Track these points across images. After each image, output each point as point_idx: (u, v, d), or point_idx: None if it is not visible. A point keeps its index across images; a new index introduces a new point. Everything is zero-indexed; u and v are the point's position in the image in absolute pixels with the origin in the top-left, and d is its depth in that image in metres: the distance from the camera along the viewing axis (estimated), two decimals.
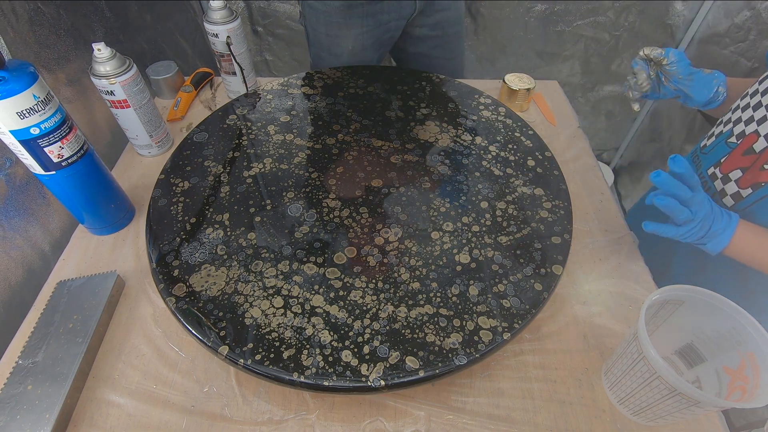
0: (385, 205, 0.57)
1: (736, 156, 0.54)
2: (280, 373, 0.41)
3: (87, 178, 0.55)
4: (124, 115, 0.67)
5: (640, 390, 0.42)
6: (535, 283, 0.49)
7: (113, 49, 0.61)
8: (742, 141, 0.54)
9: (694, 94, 0.61)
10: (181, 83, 0.87)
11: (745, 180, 0.53)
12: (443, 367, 0.42)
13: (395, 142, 0.66)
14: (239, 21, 0.76)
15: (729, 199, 0.55)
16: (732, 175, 0.55)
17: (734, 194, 0.54)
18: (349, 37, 0.89)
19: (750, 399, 0.38)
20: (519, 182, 0.60)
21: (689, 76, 0.60)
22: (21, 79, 0.44)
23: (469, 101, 0.74)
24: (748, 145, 0.53)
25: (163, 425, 0.44)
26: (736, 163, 0.54)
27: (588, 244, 0.62)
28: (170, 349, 0.50)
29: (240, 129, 0.67)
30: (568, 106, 0.88)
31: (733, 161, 0.55)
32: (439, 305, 0.47)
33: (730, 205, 0.55)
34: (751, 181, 0.52)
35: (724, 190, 0.56)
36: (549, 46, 1.37)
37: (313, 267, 0.50)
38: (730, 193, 0.55)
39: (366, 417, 0.45)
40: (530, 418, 0.46)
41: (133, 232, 0.63)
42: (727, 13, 1.17)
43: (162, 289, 0.47)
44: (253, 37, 1.32)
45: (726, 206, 0.55)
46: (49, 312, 0.50)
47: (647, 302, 0.41)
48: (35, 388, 0.44)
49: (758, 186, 0.51)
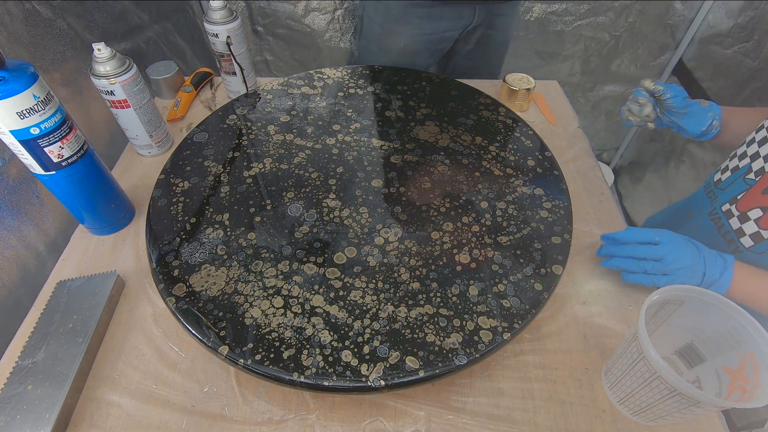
0: (385, 205, 0.57)
1: (755, 194, 0.52)
2: (280, 373, 0.41)
3: (87, 178, 0.55)
4: (124, 115, 0.67)
5: (640, 390, 0.42)
6: (535, 283, 0.49)
7: (113, 49, 0.61)
8: (761, 178, 0.52)
9: (688, 126, 0.61)
10: (181, 83, 0.87)
11: (766, 220, 0.50)
12: (443, 367, 0.42)
13: (395, 142, 0.66)
14: (239, 21, 0.76)
15: (747, 240, 0.53)
16: (751, 214, 0.52)
17: (754, 234, 0.52)
18: (403, 35, 0.89)
19: (750, 399, 0.38)
20: (519, 182, 0.60)
21: (684, 109, 0.61)
22: (21, 79, 0.44)
23: (469, 101, 0.74)
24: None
25: (163, 425, 0.45)
26: (756, 201, 0.52)
27: (588, 244, 0.62)
28: (170, 349, 0.50)
29: (240, 129, 0.67)
30: (568, 106, 0.88)
31: (751, 199, 0.52)
32: (439, 305, 0.47)
33: (748, 246, 0.53)
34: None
35: (742, 230, 0.53)
36: (549, 46, 1.37)
37: (313, 267, 0.50)
38: (749, 233, 0.52)
39: (366, 417, 0.45)
40: (530, 418, 0.46)
41: (133, 232, 0.63)
42: (728, 12, 1.17)
43: (162, 289, 0.47)
44: (253, 37, 1.32)
45: (744, 246, 0.53)
46: (49, 312, 0.50)
47: (647, 302, 0.41)
48: (35, 388, 0.44)
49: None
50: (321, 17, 1.24)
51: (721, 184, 0.58)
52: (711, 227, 0.59)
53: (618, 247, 0.54)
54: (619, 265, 0.53)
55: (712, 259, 0.49)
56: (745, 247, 0.53)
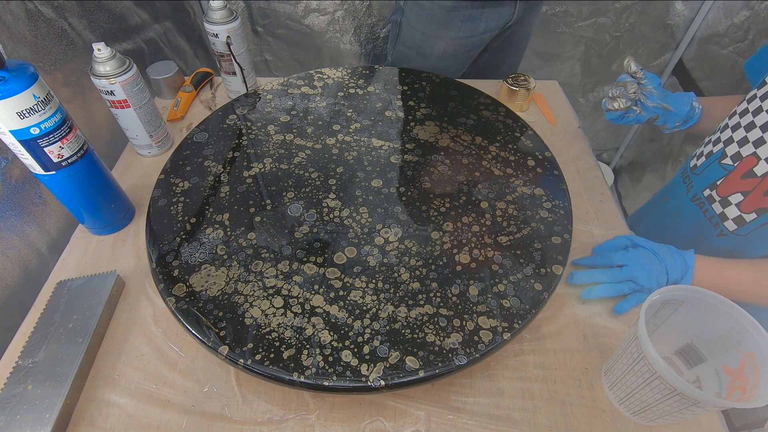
0: (385, 205, 0.57)
1: (734, 179, 0.54)
2: (280, 373, 0.41)
3: (87, 178, 0.55)
4: (124, 115, 0.67)
5: (640, 390, 0.42)
6: (535, 283, 0.49)
7: (113, 49, 0.61)
8: (739, 163, 0.53)
9: (674, 106, 0.62)
10: (181, 83, 0.87)
11: (747, 204, 0.52)
12: (443, 367, 0.42)
13: (395, 142, 0.66)
14: (239, 21, 0.76)
15: (731, 224, 0.55)
16: (732, 199, 0.54)
17: (736, 218, 0.54)
18: (444, 39, 0.89)
19: (750, 399, 0.38)
20: (519, 182, 0.60)
21: (663, 93, 0.63)
22: (21, 79, 0.44)
23: (469, 101, 0.74)
24: (748, 168, 0.52)
25: (163, 425, 0.44)
26: (736, 186, 0.54)
27: (588, 244, 0.62)
28: (170, 349, 0.50)
29: (240, 129, 0.67)
30: (568, 106, 0.88)
31: (731, 184, 0.54)
32: (439, 305, 0.47)
33: (732, 229, 0.55)
34: (755, 206, 0.52)
35: (725, 214, 0.55)
36: (549, 47, 1.37)
37: (313, 267, 0.50)
38: (731, 217, 0.54)
39: (366, 417, 0.45)
40: (530, 418, 0.46)
41: (133, 232, 0.63)
42: (727, 12, 1.17)
43: (162, 289, 0.47)
44: (253, 37, 1.32)
45: (728, 230, 0.55)
46: (49, 312, 0.50)
47: (647, 302, 0.41)
48: (35, 388, 0.44)
49: (763, 211, 0.51)
50: (321, 17, 1.24)
51: (696, 170, 0.60)
52: (696, 211, 0.60)
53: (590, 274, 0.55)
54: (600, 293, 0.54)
55: (673, 264, 0.51)
56: (730, 230, 0.55)
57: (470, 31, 0.88)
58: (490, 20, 0.87)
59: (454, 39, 0.89)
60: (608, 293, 0.53)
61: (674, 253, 0.52)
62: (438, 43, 0.90)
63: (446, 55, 0.92)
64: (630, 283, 0.52)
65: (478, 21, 0.87)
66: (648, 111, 0.64)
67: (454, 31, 0.88)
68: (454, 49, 0.91)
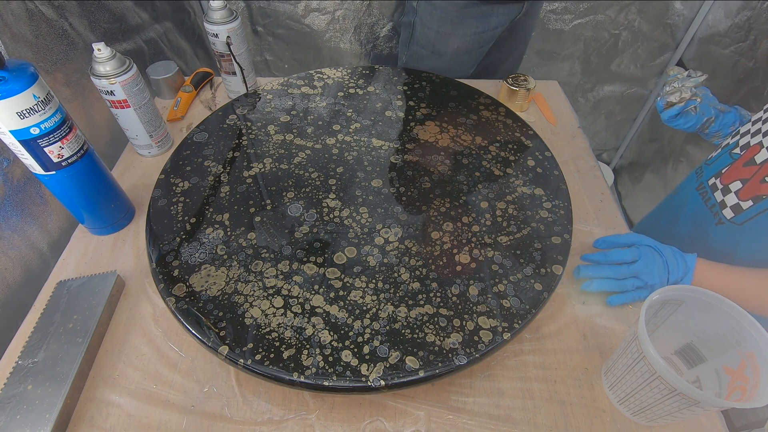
0: (385, 205, 0.57)
1: (737, 167, 0.54)
2: (280, 373, 0.41)
3: (87, 178, 0.55)
4: (124, 115, 0.67)
5: (640, 390, 0.42)
6: (535, 283, 0.49)
7: (113, 49, 0.61)
8: (745, 152, 0.53)
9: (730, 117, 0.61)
10: (181, 83, 0.87)
11: (744, 192, 0.53)
12: (443, 367, 0.42)
13: (395, 142, 0.66)
14: (239, 21, 0.76)
15: (729, 211, 0.55)
16: (732, 187, 0.54)
17: (734, 206, 0.54)
18: (458, 37, 0.90)
19: (750, 399, 0.38)
20: (519, 182, 0.60)
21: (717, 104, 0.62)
22: (21, 79, 0.44)
23: (469, 101, 0.74)
24: (751, 156, 0.52)
25: (163, 425, 0.45)
26: (737, 174, 0.54)
27: (588, 244, 0.62)
28: (170, 349, 0.50)
29: (240, 129, 0.67)
30: (568, 106, 0.88)
31: (733, 172, 0.55)
32: (439, 305, 0.47)
33: (729, 217, 0.55)
34: (752, 194, 0.52)
35: (724, 202, 0.55)
36: (548, 45, 1.37)
37: (313, 267, 0.50)
38: (729, 205, 0.54)
39: (366, 417, 0.45)
40: (530, 418, 0.46)
41: (133, 232, 0.63)
42: (727, 12, 1.16)
43: (162, 289, 0.47)
44: (253, 37, 1.32)
45: (726, 218, 0.55)
46: (49, 312, 0.50)
47: (647, 302, 0.41)
48: (35, 388, 0.44)
49: (759, 199, 0.51)
50: (321, 17, 1.24)
51: (710, 160, 0.61)
52: (698, 200, 0.60)
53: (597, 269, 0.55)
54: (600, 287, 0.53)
55: (674, 263, 0.51)
56: (727, 218, 0.55)
57: (483, 26, 0.89)
58: (501, 15, 0.89)
59: (467, 35, 0.90)
60: (609, 287, 0.53)
61: (677, 254, 0.52)
62: (452, 40, 0.91)
63: (460, 52, 0.93)
64: (634, 279, 0.52)
65: (490, 16, 0.88)
66: (706, 112, 0.62)
67: (468, 27, 0.89)
68: (467, 46, 0.92)
